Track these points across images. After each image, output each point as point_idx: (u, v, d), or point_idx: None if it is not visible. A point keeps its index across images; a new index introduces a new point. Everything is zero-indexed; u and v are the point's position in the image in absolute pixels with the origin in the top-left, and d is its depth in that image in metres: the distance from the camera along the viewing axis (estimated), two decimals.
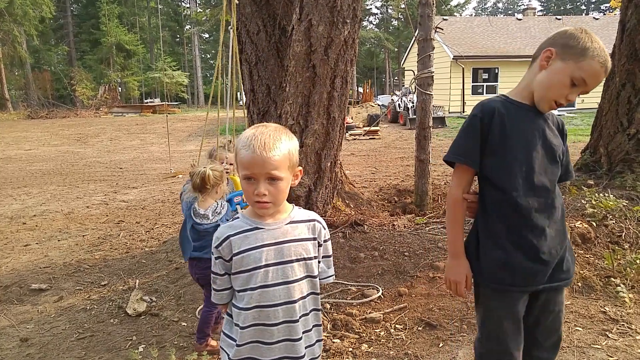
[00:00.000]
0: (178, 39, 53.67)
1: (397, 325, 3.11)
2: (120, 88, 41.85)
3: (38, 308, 3.69)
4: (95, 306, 3.68)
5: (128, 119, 26.75)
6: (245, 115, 4.93)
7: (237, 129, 4.04)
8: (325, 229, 1.64)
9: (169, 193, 8.07)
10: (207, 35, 54.80)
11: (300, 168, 1.57)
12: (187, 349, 2.96)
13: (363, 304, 3.41)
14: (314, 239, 1.60)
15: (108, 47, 40.72)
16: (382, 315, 3.22)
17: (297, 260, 1.55)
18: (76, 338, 3.19)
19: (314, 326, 1.63)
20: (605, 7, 56.33)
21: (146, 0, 46.26)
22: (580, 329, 2.94)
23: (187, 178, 2.95)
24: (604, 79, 1.71)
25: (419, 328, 3.05)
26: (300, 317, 1.56)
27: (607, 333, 2.88)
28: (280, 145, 1.45)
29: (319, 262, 1.64)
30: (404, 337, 2.97)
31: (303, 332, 1.57)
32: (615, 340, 2.80)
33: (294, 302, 1.54)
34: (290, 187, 1.54)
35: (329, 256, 1.70)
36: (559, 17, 28.93)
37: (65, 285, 4.10)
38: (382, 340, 2.95)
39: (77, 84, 36.94)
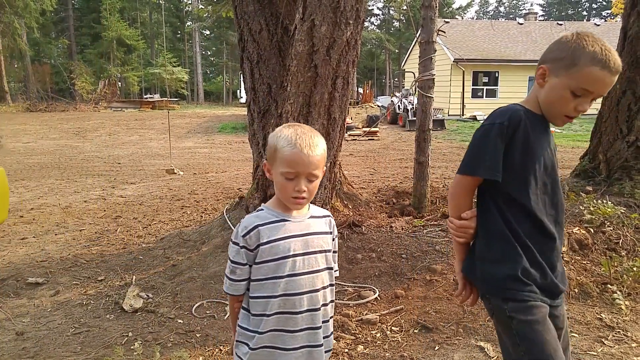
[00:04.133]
0: (179, 35, 53.59)
1: (393, 327, 3.12)
2: (120, 83, 41.73)
3: (34, 302, 3.68)
4: (91, 301, 3.67)
5: (127, 114, 26.68)
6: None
7: (236, 126, 4.04)
8: (335, 226, 1.73)
9: (167, 189, 8.06)
10: (208, 32, 54.75)
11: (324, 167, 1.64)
12: (184, 346, 2.96)
13: (359, 305, 3.42)
14: (330, 233, 1.69)
15: (109, 41, 40.60)
16: (378, 316, 3.22)
17: (320, 252, 1.62)
18: (72, 333, 3.18)
19: (330, 317, 1.70)
20: (607, 13, 56.48)
21: None
22: (576, 335, 2.94)
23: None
24: (615, 79, 1.50)
25: (415, 330, 3.05)
26: (321, 306, 1.62)
27: (603, 340, 2.89)
28: (320, 144, 1.54)
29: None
30: (399, 339, 2.97)
31: (322, 322, 1.63)
32: (611, 347, 2.81)
33: (317, 290, 1.60)
34: None
35: (336, 252, 1.76)
36: (560, 22, 28.97)
37: (61, 280, 4.09)
38: (378, 341, 2.96)
39: (77, 78, 36.76)
